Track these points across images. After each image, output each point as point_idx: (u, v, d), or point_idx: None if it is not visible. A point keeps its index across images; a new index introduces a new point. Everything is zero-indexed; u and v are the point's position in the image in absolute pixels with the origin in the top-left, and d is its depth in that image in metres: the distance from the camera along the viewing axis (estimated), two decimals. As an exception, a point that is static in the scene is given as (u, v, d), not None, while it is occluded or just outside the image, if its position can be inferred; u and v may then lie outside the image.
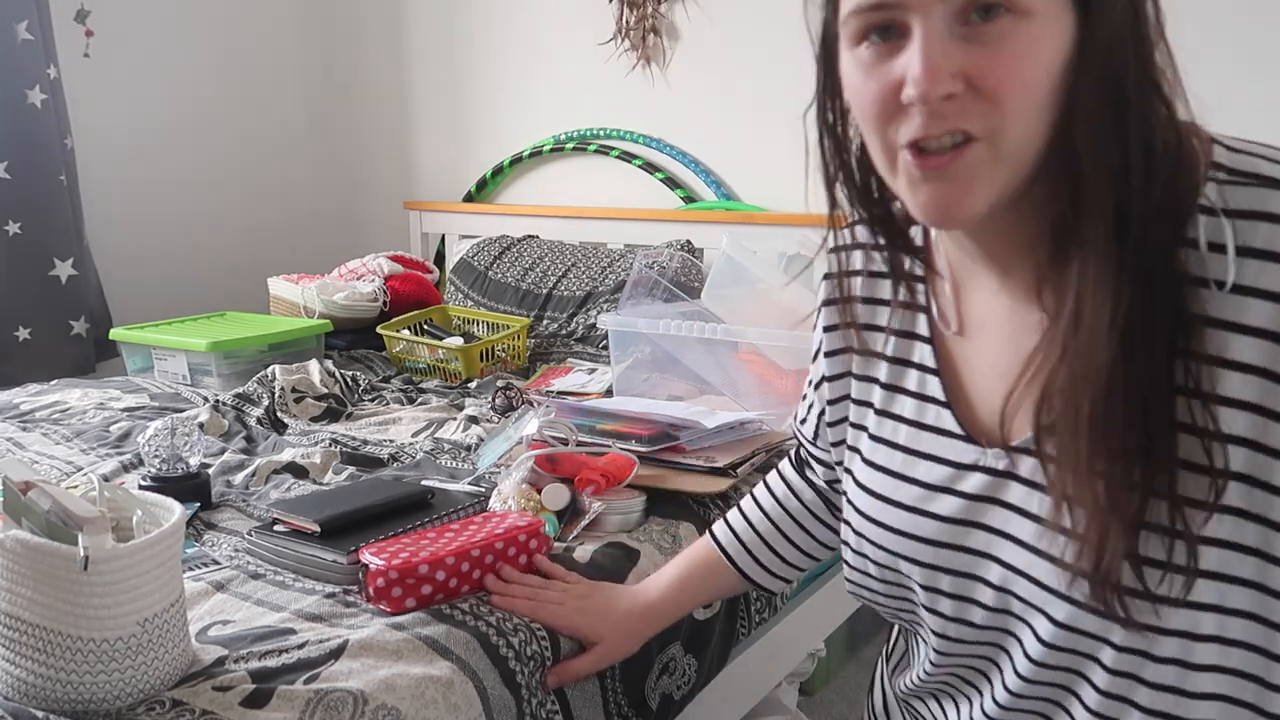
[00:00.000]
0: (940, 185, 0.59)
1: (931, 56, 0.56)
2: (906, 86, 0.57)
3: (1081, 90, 0.57)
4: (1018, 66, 0.56)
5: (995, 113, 0.57)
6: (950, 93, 0.56)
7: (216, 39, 2.99)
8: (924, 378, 0.73)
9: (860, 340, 0.78)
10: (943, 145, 0.58)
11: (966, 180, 0.58)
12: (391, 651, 0.92)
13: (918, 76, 0.56)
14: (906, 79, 0.57)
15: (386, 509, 1.17)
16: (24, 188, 2.42)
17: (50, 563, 0.79)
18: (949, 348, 0.72)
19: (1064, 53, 0.57)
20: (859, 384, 0.79)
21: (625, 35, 2.64)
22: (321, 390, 1.90)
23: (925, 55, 0.56)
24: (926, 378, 0.73)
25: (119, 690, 0.81)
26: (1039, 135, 0.58)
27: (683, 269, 2.18)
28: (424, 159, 3.17)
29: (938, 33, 0.56)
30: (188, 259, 2.97)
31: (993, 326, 0.69)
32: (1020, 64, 0.56)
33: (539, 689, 0.98)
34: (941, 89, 0.56)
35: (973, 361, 0.71)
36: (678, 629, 1.19)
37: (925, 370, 0.73)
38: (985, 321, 0.69)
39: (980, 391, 0.70)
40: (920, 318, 0.74)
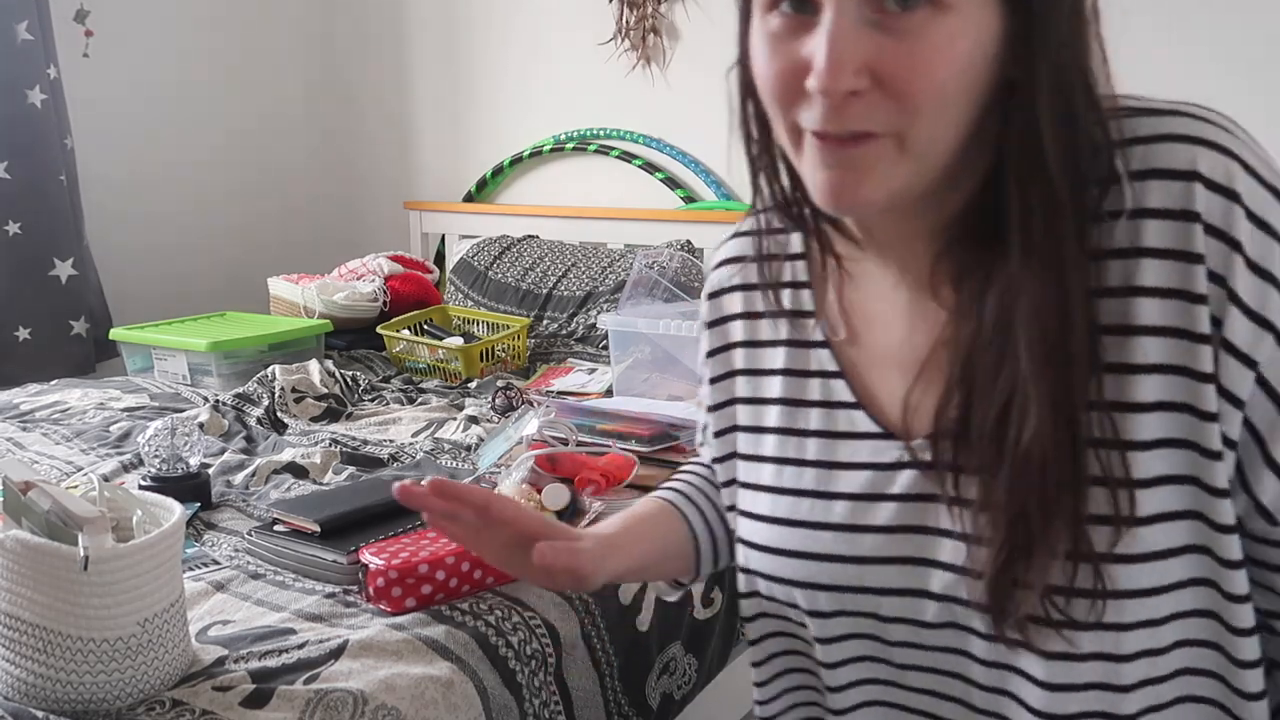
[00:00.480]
0: (840, 172, 0.55)
1: (838, 46, 0.51)
2: (810, 75, 0.52)
3: (1011, 88, 0.54)
4: (931, 64, 0.51)
5: (903, 113, 0.52)
6: (854, 89, 0.52)
7: (216, 39, 2.99)
8: (827, 384, 0.67)
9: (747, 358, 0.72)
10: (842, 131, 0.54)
11: (867, 170, 0.54)
12: (391, 652, 0.92)
13: (821, 68, 0.51)
14: (811, 67, 0.52)
15: (386, 509, 1.17)
16: (24, 188, 2.42)
17: (50, 563, 0.79)
18: (844, 351, 0.67)
19: (984, 49, 0.53)
20: (747, 408, 0.72)
21: (625, 35, 2.63)
22: (321, 390, 1.90)
23: (831, 44, 0.51)
24: (830, 383, 0.67)
25: (119, 690, 0.81)
26: (950, 133, 0.54)
27: (683, 269, 2.18)
28: (424, 159, 3.17)
29: (848, 18, 0.51)
30: (188, 259, 2.97)
31: (891, 321, 0.64)
32: (934, 61, 0.51)
33: (540, 689, 0.98)
34: (845, 84, 0.51)
35: (873, 360, 0.66)
36: (678, 628, 1.19)
37: (828, 375, 0.67)
38: (882, 317, 0.65)
39: (887, 389, 0.64)
40: (809, 324, 0.68)
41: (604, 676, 1.07)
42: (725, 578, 1.23)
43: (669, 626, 1.18)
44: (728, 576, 1.20)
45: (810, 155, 0.56)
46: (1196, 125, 0.55)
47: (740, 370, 0.73)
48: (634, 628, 1.12)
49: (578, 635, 1.06)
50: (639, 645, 1.13)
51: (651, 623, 1.14)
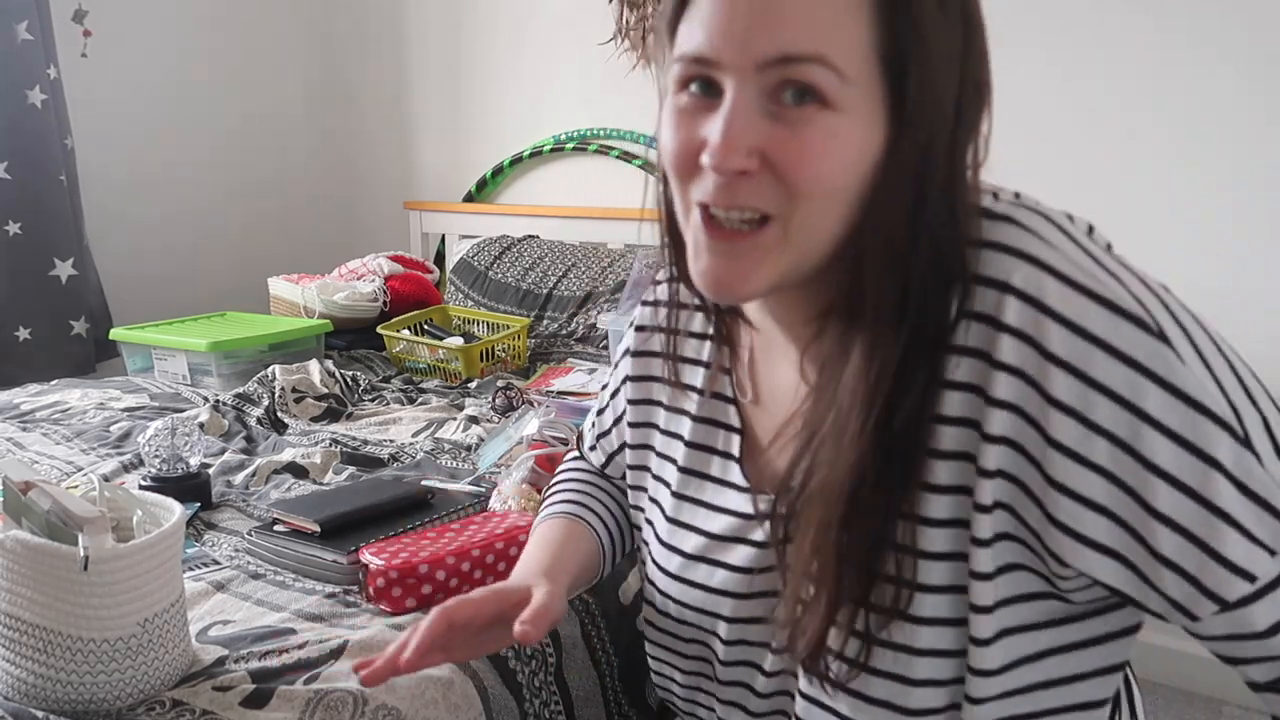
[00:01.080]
0: (722, 260, 0.59)
1: (733, 127, 0.56)
2: (705, 151, 0.57)
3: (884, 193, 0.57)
4: (815, 156, 0.56)
5: (786, 197, 0.57)
6: (744, 169, 0.56)
7: (216, 39, 2.99)
8: (729, 437, 0.74)
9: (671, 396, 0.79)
10: (732, 220, 0.58)
11: (750, 259, 0.59)
12: (392, 651, 0.92)
13: (715, 145, 0.56)
14: (707, 143, 0.57)
15: (386, 509, 1.18)
16: (24, 188, 2.42)
17: (50, 563, 0.79)
18: (749, 410, 0.74)
19: (871, 154, 0.57)
20: (664, 438, 0.80)
21: (625, 35, 2.63)
22: (322, 390, 1.90)
23: (727, 125, 0.56)
24: (731, 436, 0.74)
25: (119, 690, 0.81)
26: (831, 226, 0.58)
27: (683, 269, 2.18)
28: (424, 159, 3.17)
29: (745, 104, 0.56)
30: (188, 258, 2.97)
31: (784, 394, 0.70)
32: (817, 154, 0.56)
33: (540, 689, 0.98)
34: (736, 163, 0.56)
35: (765, 425, 0.72)
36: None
37: (731, 429, 0.74)
38: (780, 389, 0.71)
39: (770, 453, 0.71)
40: (726, 380, 0.75)
41: (604, 676, 1.07)
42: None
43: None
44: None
45: (695, 236, 0.61)
46: (1019, 235, 0.57)
47: (662, 404, 0.80)
48: (634, 628, 1.12)
49: (578, 635, 1.06)
50: (639, 645, 1.13)
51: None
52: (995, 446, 0.56)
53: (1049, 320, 0.54)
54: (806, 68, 0.55)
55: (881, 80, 0.56)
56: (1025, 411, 0.55)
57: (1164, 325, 0.54)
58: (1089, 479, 0.54)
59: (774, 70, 0.55)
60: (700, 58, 0.57)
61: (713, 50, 0.57)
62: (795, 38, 0.54)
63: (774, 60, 0.55)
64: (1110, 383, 0.53)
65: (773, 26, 0.55)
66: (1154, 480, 0.53)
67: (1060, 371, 0.54)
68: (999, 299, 0.56)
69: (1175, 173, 1.94)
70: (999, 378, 0.56)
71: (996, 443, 0.56)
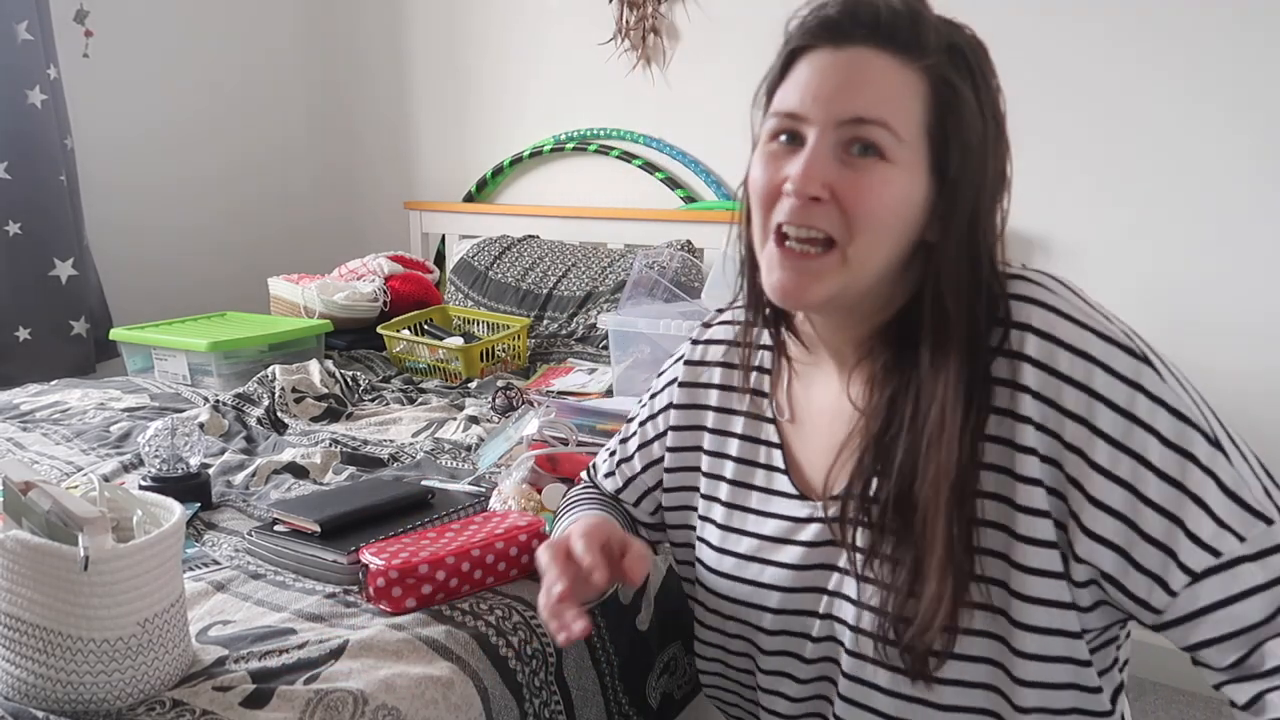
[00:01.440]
0: (790, 274, 0.75)
1: (812, 164, 0.72)
2: (788, 181, 0.74)
3: (942, 233, 0.74)
4: (871, 195, 0.72)
5: (845, 225, 0.73)
6: (817, 195, 0.72)
7: (216, 38, 2.99)
8: (770, 451, 0.88)
9: (716, 420, 0.93)
10: (800, 243, 0.74)
11: (812, 276, 0.74)
12: (392, 652, 0.92)
13: (797, 175, 0.73)
14: (790, 176, 0.73)
15: (386, 509, 1.17)
16: (24, 188, 2.42)
17: (50, 563, 0.79)
18: (786, 429, 0.88)
19: (916, 202, 0.74)
20: (710, 459, 0.93)
21: (625, 35, 2.64)
22: (322, 390, 1.90)
23: (808, 162, 0.73)
24: (773, 451, 0.88)
25: (119, 690, 0.81)
26: (880, 256, 0.74)
27: (683, 269, 2.18)
28: (424, 159, 3.17)
29: (823, 149, 0.73)
30: (188, 259, 2.97)
31: (823, 411, 0.85)
32: (874, 194, 0.72)
33: (541, 688, 0.98)
34: (812, 189, 0.72)
35: (805, 440, 0.87)
36: (680, 629, 1.19)
37: (771, 445, 0.88)
38: (818, 406, 0.86)
39: (811, 464, 0.85)
40: (765, 404, 0.90)
41: (604, 675, 1.07)
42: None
43: (669, 626, 1.18)
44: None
45: (771, 258, 0.76)
46: (1034, 289, 0.74)
47: (709, 428, 0.93)
48: (634, 627, 1.13)
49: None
50: (639, 645, 1.13)
51: (652, 622, 1.15)
52: (1028, 457, 0.71)
53: (1059, 349, 0.71)
54: (872, 128, 0.72)
55: (928, 148, 0.73)
56: (1045, 425, 0.71)
57: (1145, 352, 0.71)
58: (1092, 478, 0.69)
59: (847, 128, 0.72)
60: (793, 114, 0.75)
61: (803, 108, 0.74)
62: (867, 105, 0.72)
63: (849, 120, 0.72)
64: (1108, 394, 0.69)
65: (852, 95, 0.72)
66: (1144, 472, 0.69)
67: (1068, 387, 0.70)
68: (1022, 337, 0.72)
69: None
70: (1024, 399, 0.71)
71: (1028, 453, 0.71)
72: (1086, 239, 2.05)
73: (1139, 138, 1.97)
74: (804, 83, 0.75)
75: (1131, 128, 1.98)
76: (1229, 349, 1.93)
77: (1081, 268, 2.05)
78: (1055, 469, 0.71)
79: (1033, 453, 0.71)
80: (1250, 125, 1.86)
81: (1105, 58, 1.99)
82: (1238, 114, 1.87)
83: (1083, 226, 2.05)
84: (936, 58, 0.73)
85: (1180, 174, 1.94)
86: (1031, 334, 0.72)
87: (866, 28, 0.73)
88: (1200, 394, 0.72)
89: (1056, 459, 0.70)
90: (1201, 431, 0.68)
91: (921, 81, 0.73)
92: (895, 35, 0.73)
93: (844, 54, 0.74)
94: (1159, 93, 1.94)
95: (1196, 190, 1.94)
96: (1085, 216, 2.05)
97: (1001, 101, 0.76)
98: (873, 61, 0.73)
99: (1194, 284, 1.96)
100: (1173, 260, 1.98)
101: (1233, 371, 1.93)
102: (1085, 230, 2.05)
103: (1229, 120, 1.89)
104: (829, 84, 0.73)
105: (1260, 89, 1.84)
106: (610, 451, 1.06)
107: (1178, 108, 1.93)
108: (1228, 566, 0.67)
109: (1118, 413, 0.69)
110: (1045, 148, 2.05)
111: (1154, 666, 2.02)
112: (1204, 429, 0.69)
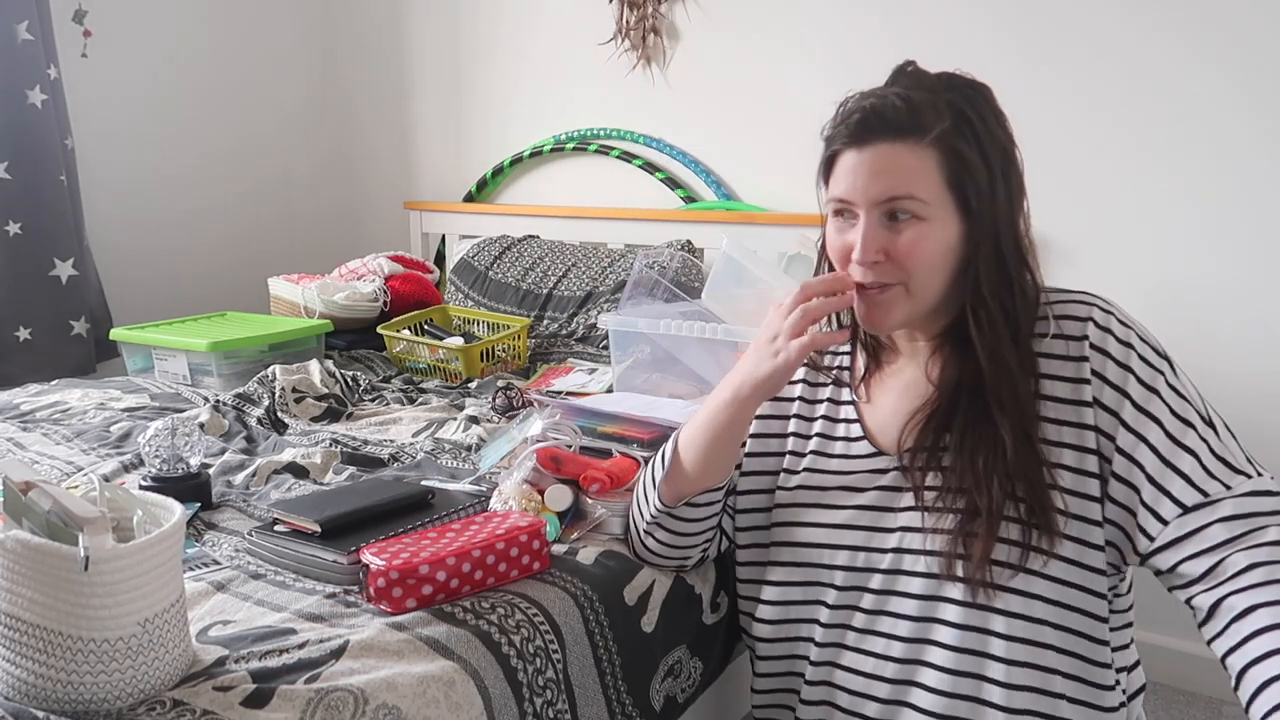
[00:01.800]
0: (870, 308, 1.02)
1: (866, 239, 0.98)
2: (854, 252, 0.99)
3: (979, 256, 0.98)
4: (915, 249, 0.97)
5: (903, 273, 0.98)
6: (876, 260, 0.98)
7: (216, 39, 2.99)
8: (849, 426, 1.12)
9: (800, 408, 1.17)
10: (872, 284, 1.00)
11: (885, 308, 1.01)
12: (392, 651, 0.92)
13: (858, 252, 0.99)
14: (855, 249, 0.99)
15: (387, 509, 1.17)
16: (24, 188, 2.42)
17: (51, 563, 0.79)
18: (861, 407, 1.12)
19: (952, 239, 0.98)
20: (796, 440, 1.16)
21: (625, 35, 2.64)
22: (322, 390, 1.90)
23: (863, 239, 0.98)
24: (851, 426, 1.12)
25: (119, 690, 0.81)
26: (935, 286, 1.00)
27: (683, 269, 2.18)
28: (424, 159, 3.17)
29: (872, 224, 0.98)
30: (188, 259, 2.97)
31: (891, 392, 1.10)
32: (917, 247, 0.97)
33: (544, 688, 0.98)
34: (870, 258, 0.98)
35: (876, 413, 1.10)
36: (684, 631, 1.19)
37: (850, 421, 1.12)
38: (886, 391, 1.10)
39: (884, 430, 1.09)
40: (845, 392, 1.14)
41: (605, 675, 1.07)
42: (729, 584, 1.23)
43: (674, 629, 1.17)
44: (731, 582, 1.21)
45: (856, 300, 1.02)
46: (1091, 298, 1.01)
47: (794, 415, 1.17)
48: (639, 629, 1.12)
49: (581, 633, 1.06)
50: (644, 646, 1.13)
51: (656, 624, 1.14)
52: (1084, 409, 0.97)
53: (1109, 336, 0.98)
54: (903, 201, 0.96)
55: (952, 198, 0.97)
56: (1095, 392, 0.97)
57: (1167, 354, 0.99)
58: (1120, 432, 0.95)
59: (885, 204, 0.97)
60: (843, 200, 1.00)
61: (850, 195, 0.99)
62: (894, 186, 0.96)
63: (884, 199, 0.97)
64: (1139, 372, 0.96)
65: (881, 181, 0.97)
66: (1156, 430, 0.94)
67: (1111, 363, 0.97)
68: (1083, 326, 0.99)
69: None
70: (1083, 368, 0.98)
71: (1084, 407, 0.97)
72: (1093, 238, 2.06)
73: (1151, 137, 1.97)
74: (844, 177, 0.99)
75: (1134, 133, 1.98)
76: (1229, 352, 1.93)
77: (1087, 266, 2.05)
78: (1099, 418, 0.96)
79: (1087, 406, 0.96)
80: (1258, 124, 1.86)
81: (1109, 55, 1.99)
82: (1242, 104, 1.87)
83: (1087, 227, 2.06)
84: (939, 129, 0.95)
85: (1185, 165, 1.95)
86: (1092, 324, 0.98)
87: (879, 128, 0.96)
88: (1200, 392, 0.99)
89: (1100, 413, 0.96)
90: (1199, 412, 0.96)
91: (932, 153, 0.96)
92: (901, 127, 0.96)
93: (869, 151, 0.97)
94: (1157, 92, 1.94)
95: (1197, 191, 1.94)
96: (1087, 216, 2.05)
97: (1006, 128, 0.99)
98: (891, 151, 0.96)
99: (1197, 283, 1.96)
100: (1174, 261, 1.98)
101: (1229, 374, 1.93)
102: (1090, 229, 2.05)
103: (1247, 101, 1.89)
104: (862, 176, 0.97)
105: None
106: None
107: (1175, 107, 1.93)
108: (1212, 504, 0.91)
109: (1144, 386, 0.95)
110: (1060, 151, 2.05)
111: (1154, 666, 2.02)
112: (1201, 411, 0.96)
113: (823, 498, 1.09)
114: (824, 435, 1.13)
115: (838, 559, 1.06)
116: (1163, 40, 1.93)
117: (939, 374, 1.03)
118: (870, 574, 1.03)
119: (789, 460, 1.15)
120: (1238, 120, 1.88)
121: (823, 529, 1.07)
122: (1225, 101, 1.88)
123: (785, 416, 1.18)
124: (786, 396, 1.18)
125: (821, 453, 1.12)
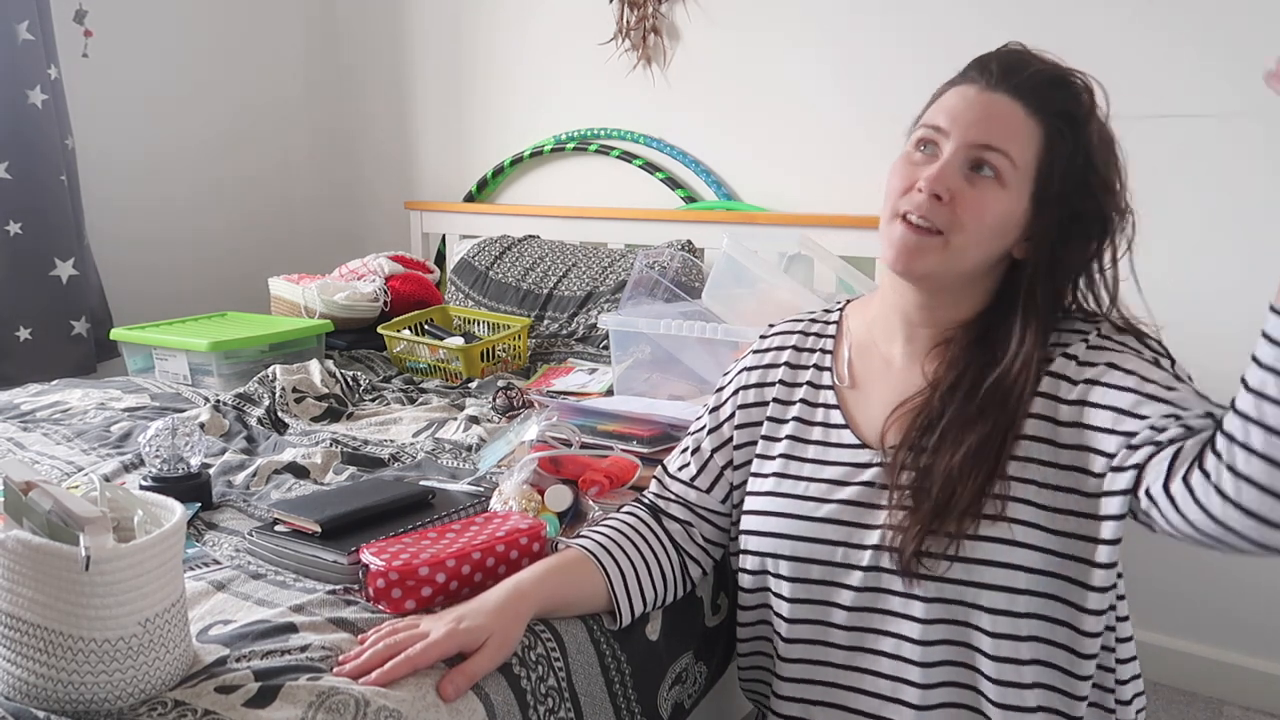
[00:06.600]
0: (905, 243, 0.97)
1: (944, 171, 0.95)
2: (921, 180, 0.95)
3: (1029, 252, 0.98)
4: (980, 206, 0.94)
5: (954, 222, 0.94)
6: (939, 194, 0.94)
7: (216, 39, 2.99)
8: (828, 412, 1.08)
9: (780, 392, 1.12)
10: (917, 223, 0.96)
11: (920, 250, 0.96)
12: (393, 652, 0.92)
13: (931, 176, 0.95)
14: (924, 177, 0.95)
15: (387, 509, 1.17)
16: (24, 188, 2.41)
17: (51, 563, 0.79)
18: (844, 394, 1.08)
19: (1013, 220, 0.96)
20: (770, 424, 1.11)
21: (625, 35, 2.64)
22: (322, 390, 1.90)
23: (940, 169, 0.95)
24: (830, 412, 1.08)
25: (120, 690, 0.81)
26: (973, 254, 0.96)
27: (683, 269, 2.18)
28: (425, 159, 3.17)
29: (953, 163, 0.95)
30: (188, 259, 2.97)
31: (874, 378, 1.07)
32: (982, 205, 0.94)
33: (547, 695, 0.98)
34: (938, 189, 0.94)
35: (862, 401, 1.07)
36: (690, 638, 1.18)
37: (829, 407, 1.08)
38: (872, 376, 1.07)
39: (866, 419, 1.06)
40: (825, 375, 1.10)
41: (614, 684, 1.06)
42: (730, 584, 1.23)
43: (679, 636, 1.16)
44: (731, 583, 1.20)
45: (894, 231, 0.98)
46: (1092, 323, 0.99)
47: (773, 400, 1.13)
48: (644, 637, 1.11)
49: (586, 641, 1.05)
50: (651, 655, 1.12)
51: (661, 632, 1.14)
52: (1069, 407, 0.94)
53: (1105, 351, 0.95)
54: (995, 155, 0.94)
55: (1034, 181, 0.95)
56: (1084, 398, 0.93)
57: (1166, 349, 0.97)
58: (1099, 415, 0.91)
59: (976, 150, 0.94)
60: (938, 127, 0.97)
61: (948, 124, 0.96)
62: (996, 137, 0.94)
63: (979, 144, 0.94)
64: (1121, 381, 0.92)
65: (986, 125, 0.94)
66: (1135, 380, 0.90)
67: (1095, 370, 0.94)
68: (1080, 340, 0.97)
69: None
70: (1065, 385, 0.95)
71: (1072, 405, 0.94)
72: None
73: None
74: (951, 107, 0.97)
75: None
76: (1229, 352, 1.93)
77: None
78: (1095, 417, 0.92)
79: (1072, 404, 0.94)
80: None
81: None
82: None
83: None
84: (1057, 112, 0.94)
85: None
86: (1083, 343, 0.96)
87: (1013, 81, 0.95)
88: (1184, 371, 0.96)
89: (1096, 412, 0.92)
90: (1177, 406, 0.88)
91: (1039, 130, 0.94)
92: (1032, 92, 0.94)
93: (989, 94, 0.95)
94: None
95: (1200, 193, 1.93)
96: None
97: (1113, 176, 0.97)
98: (1009, 106, 0.94)
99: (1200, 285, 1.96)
100: (1174, 260, 1.98)
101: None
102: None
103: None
104: (971, 113, 0.95)
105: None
106: (683, 448, 1.19)
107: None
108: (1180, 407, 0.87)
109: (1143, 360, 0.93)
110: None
111: (1154, 667, 2.02)
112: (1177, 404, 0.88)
113: (796, 488, 1.06)
114: (801, 420, 1.09)
115: (816, 554, 1.03)
116: (1164, 40, 1.93)
117: (934, 372, 1.01)
118: (849, 571, 1.01)
119: (762, 446, 1.11)
120: (1237, 119, 1.88)
121: (799, 521, 1.04)
122: (1225, 102, 1.88)
123: (764, 403, 1.14)
124: (766, 382, 1.14)
125: (798, 438, 1.08)
